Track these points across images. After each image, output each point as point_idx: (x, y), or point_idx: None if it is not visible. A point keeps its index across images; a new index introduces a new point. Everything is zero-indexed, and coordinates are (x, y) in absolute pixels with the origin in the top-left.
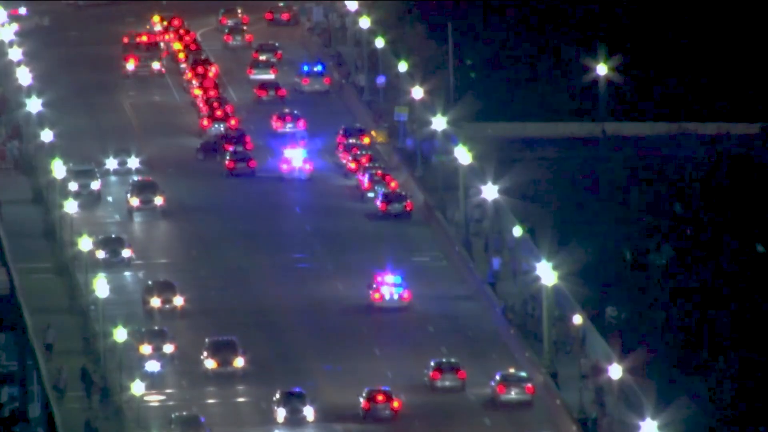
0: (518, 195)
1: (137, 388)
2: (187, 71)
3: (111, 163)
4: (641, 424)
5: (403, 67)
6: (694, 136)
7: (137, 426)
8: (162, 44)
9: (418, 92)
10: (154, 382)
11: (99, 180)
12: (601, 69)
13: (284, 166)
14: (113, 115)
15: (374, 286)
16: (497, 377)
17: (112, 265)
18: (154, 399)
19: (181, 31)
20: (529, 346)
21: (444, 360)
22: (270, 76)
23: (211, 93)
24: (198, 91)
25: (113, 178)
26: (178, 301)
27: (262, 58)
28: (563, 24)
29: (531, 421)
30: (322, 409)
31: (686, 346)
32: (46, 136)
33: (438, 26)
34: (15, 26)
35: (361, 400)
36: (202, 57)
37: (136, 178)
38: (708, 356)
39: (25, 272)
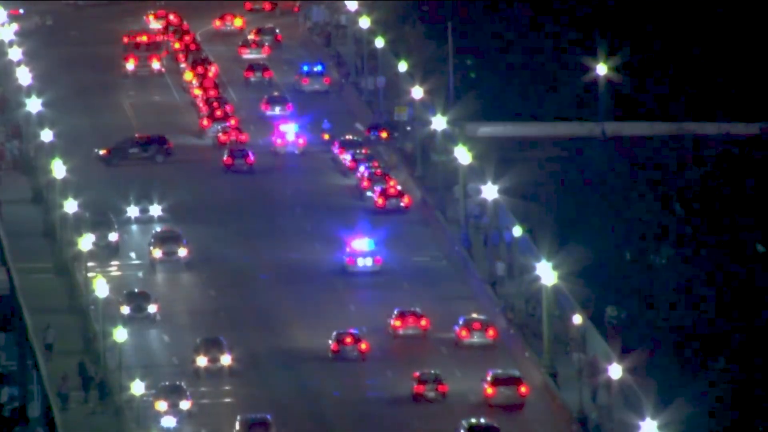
0: (518, 195)
1: (137, 388)
2: (186, 71)
3: (132, 211)
4: (641, 424)
5: (403, 67)
6: (694, 136)
7: (137, 426)
8: (162, 44)
9: (418, 92)
10: None
11: (117, 231)
12: (601, 69)
13: (278, 141)
14: (113, 115)
15: (347, 251)
16: (460, 322)
17: (137, 321)
18: None
19: (182, 27)
20: (529, 345)
21: (407, 309)
22: (261, 55)
23: (211, 93)
24: (198, 91)
25: (134, 227)
26: (226, 359)
27: (257, 38)
28: (563, 23)
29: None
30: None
31: (686, 346)
32: (46, 136)
33: (438, 26)
34: (15, 26)
35: (330, 342)
36: (202, 57)
37: (158, 228)
38: (708, 356)
39: (25, 272)
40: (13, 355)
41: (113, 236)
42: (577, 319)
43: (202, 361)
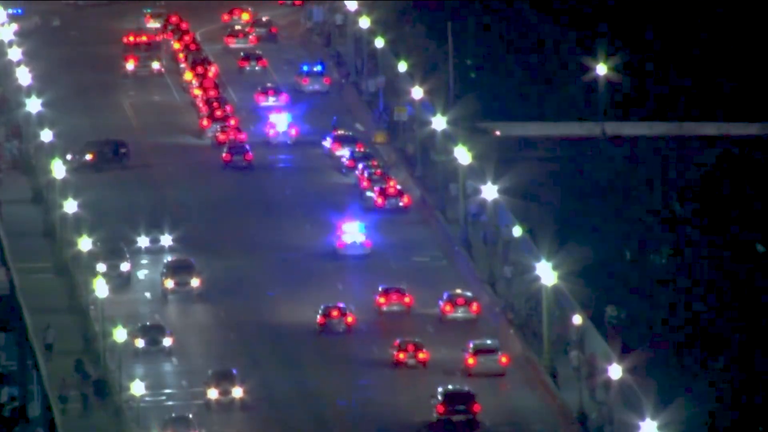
0: (518, 195)
1: (137, 388)
2: (186, 71)
3: (143, 241)
4: (641, 424)
5: (402, 67)
6: (694, 136)
7: (137, 426)
8: (161, 44)
9: (418, 92)
10: None
11: (129, 261)
12: (601, 69)
13: (270, 131)
14: (113, 115)
15: (337, 234)
16: (444, 297)
17: (151, 354)
18: None
19: (182, 27)
20: (529, 345)
21: (392, 286)
22: (248, 45)
23: (211, 93)
24: (198, 91)
25: (144, 258)
26: (237, 392)
27: (246, 29)
28: (563, 23)
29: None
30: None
31: (686, 346)
32: (46, 136)
33: (438, 26)
34: (14, 26)
35: (317, 316)
36: (202, 56)
37: (170, 257)
38: (708, 356)
39: (25, 272)
40: (13, 355)
41: (125, 266)
42: (577, 319)
43: (213, 393)
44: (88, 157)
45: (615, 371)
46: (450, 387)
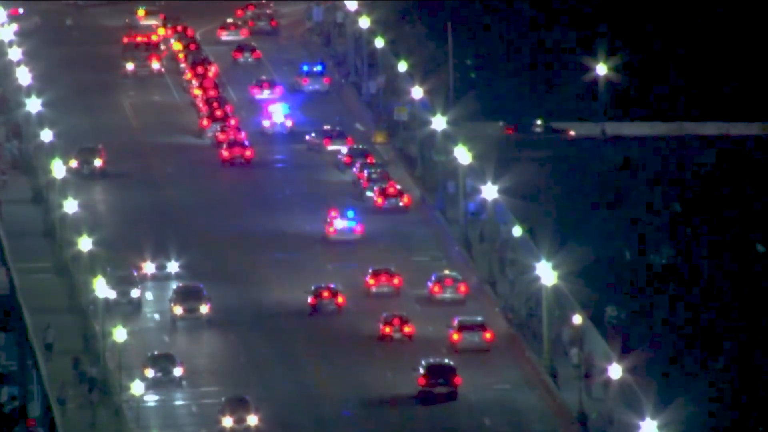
0: (518, 195)
1: (137, 388)
2: (186, 71)
3: (148, 268)
4: (641, 424)
5: (403, 67)
6: (694, 136)
7: (137, 426)
8: (160, 44)
9: (418, 92)
10: None
11: (139, 287)
12: (601, 69)
13: (266, 122)
14: (113, 115)
15: (328, 220)
16: (433, 278)
17: (162, 384)
18: None
19: (180, 28)
20: (529, 345)
21: (381, 267)
22: (239, 37)
23: (211, 93)
24: (198, 91)
25: (150, 284)
26: (253, 420)
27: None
28: (563, 23)
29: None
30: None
31: (686, 346)
32: (46, 136)
33: (438, 26)
34: (14, 26)
35: (309, 296)
36: (202, 57)
37: (178, 283)
38: (708, 356)
39: (25, 272)
40: (13, 355)
41: (135, 292)
42: (577, 319)
43: (228, 422)
44: (98, 163)
45: (615, 371)
46: (432, 360)
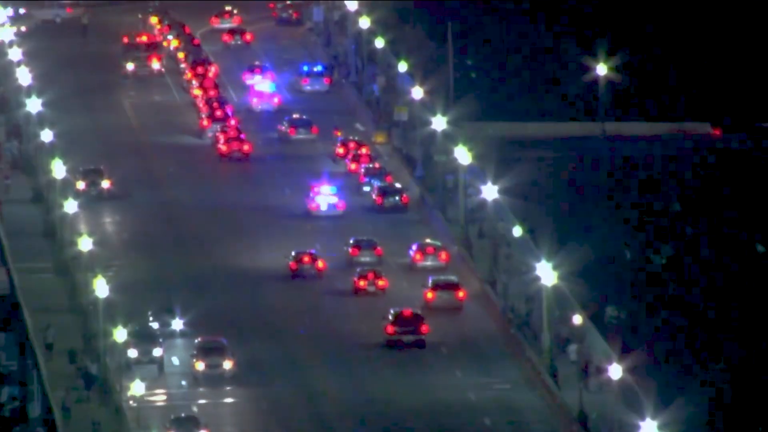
0: (518, 195)
1: (137, 388)
2: (187, 71)
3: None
4: (641, 424)
5: (403, 67)
6: (694, 136)
7: (137, 426)
8: (162, 44)
9: (418, 92)
10: None
11: (161, 345)
12: (601, 69)
13: (254, 100)
14: (113, 115)
15: (311, 195)
16: (414, 247)
17: None
18: None
19: (181, 29)
20: (529, 344)
21: (363, 238)
22: (232, 24)
23: (211, 93)
24: (198, 91)
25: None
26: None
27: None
28: (563, 23)
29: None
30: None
31: (686, 346)
32: (46, 135)
33: (438, 26)
34: (15, 27)
35: (289, 261)
36: (202, 57)
37: (199, 338)
38: (708, 356)
39: (25, 272)
40: (13, 355)
41: (158, 351)
42: (577, 319)
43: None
44: (105, 184)
45: (615, 371)
46: (399, 309)
